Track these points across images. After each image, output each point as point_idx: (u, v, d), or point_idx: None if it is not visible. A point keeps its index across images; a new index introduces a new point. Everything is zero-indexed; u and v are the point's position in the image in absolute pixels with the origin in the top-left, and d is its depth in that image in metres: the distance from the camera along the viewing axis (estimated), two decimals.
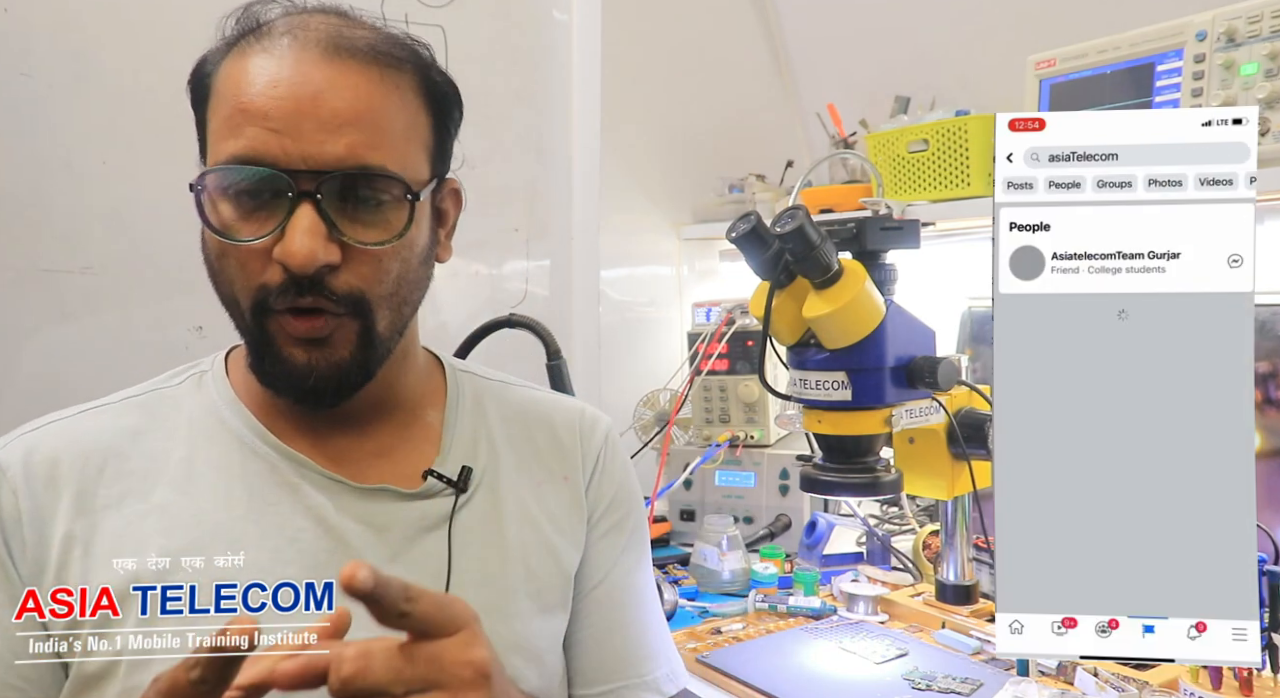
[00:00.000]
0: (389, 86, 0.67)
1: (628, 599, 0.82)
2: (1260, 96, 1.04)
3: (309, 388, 0.68)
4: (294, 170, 0.64)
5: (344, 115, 0.65)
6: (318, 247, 0.64)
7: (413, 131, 0.70)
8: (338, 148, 0.64)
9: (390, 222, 0.67)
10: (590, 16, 1.69)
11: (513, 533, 0.76)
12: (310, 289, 0.65)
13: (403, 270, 0.69)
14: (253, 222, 0.65)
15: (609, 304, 1.88)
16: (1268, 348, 1.13)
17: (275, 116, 0.64)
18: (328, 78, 0.65)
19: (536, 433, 0.83)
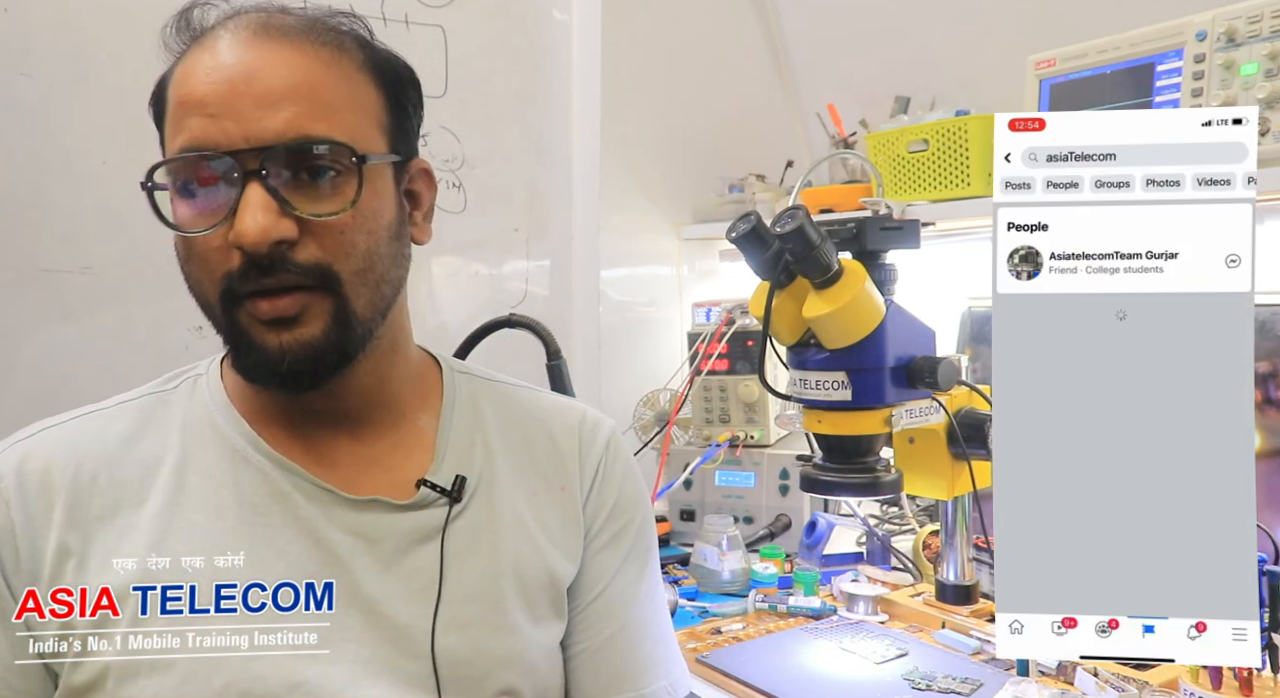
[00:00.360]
0: (326, 61, 0.67)
1: (627, 611, 0.80)
2: (1260, 96, 1.04)
3: (284, 372, 0.66)
4: (236, 151, 0.63)
5: (279, 90, 0.64)
6: (269, 222, 0.63)
7: (358, 105, 0.68)
8: (276, 122, 0.64)
9: (342, 191, 0.66)
10: (590, 16, 1.69)
11: (507, 544, 0.75)
12: (271, 267, 0.64)
13: (370, 243, 0.67)
14: (205, 213, 0.64)
15: (609, 304, 1.88)
16: (1268, 348, 1.12)
17: (212, 102, 0.64)
18: (260, 57, 0.65)
19: (535, 440, 0.81)
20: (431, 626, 0.70)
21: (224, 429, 0.72)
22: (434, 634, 0.70)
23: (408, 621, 0.70)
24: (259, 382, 0.69)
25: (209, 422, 0.72)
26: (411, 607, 0.70)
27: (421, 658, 0.69)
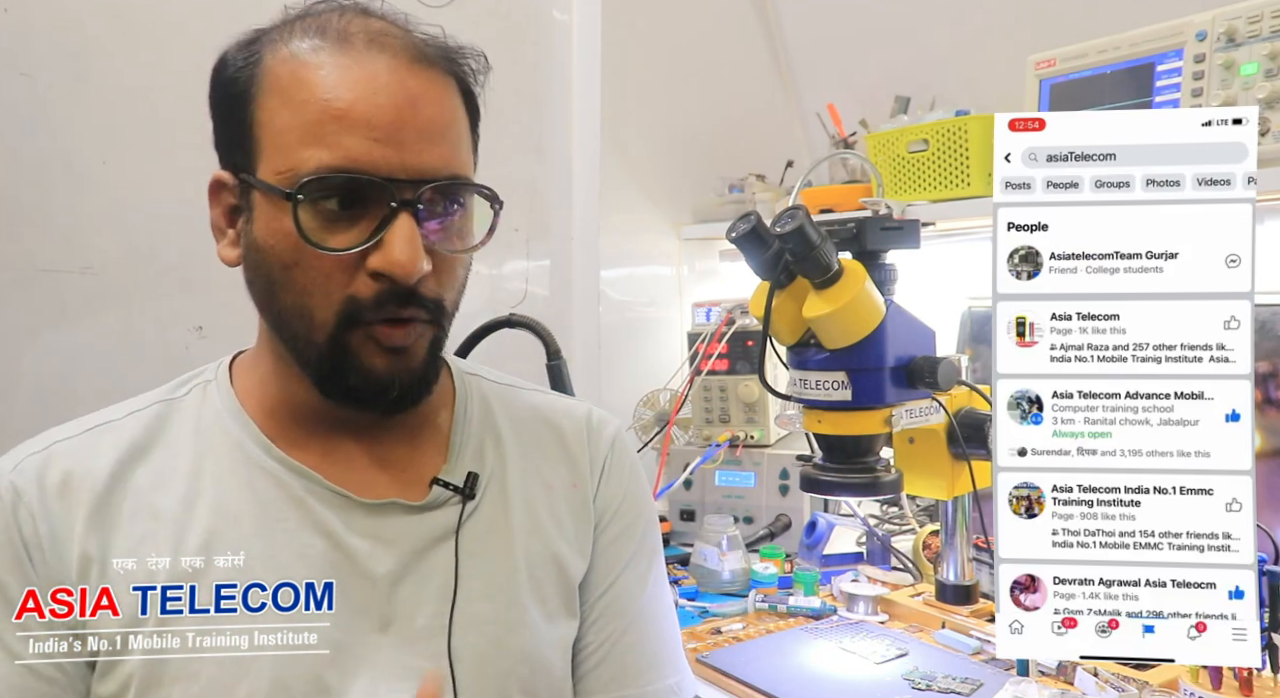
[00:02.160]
0: (455, 96, 0.69)
1: (635, 608, 0.80)
2: (1260, 96, 1.04)
3: (394, 398, 0.68)
4: (394, 179, 0.64)
5: (437, 125, 0.66)
6: (420, 256, 0.64)
7: (467, 136, 0.71)
8: (434, 158, 0.65)
9: (467, 230, 0.69)
10: (590, 16, 1.69)
11: (519, 541, 0.75)
12: (409, 299, 0.65)
13: (465, 277, 0.71)
14: (342, 231, 0.64)
15: (609, 304, 1.88)
16: (1268, 348, 1.12)
17: (377, 125, 0.63)
18: (420, 87, 0.65)
19: (544, 438, 0.82)
20: (448, 625, 0.70)
21: (237, 434, 0.72)
22: (450, 634, 0.70)
23: (424, 622, 0.70)
24: (362, 403, 0.69)
25: (221, 428, 0.72)
26: (429, 607, 0.70)
27: (438, 658, 0.70)
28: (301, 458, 0.71)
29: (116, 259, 1.31)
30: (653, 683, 0.79)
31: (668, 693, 0.80)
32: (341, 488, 0.71)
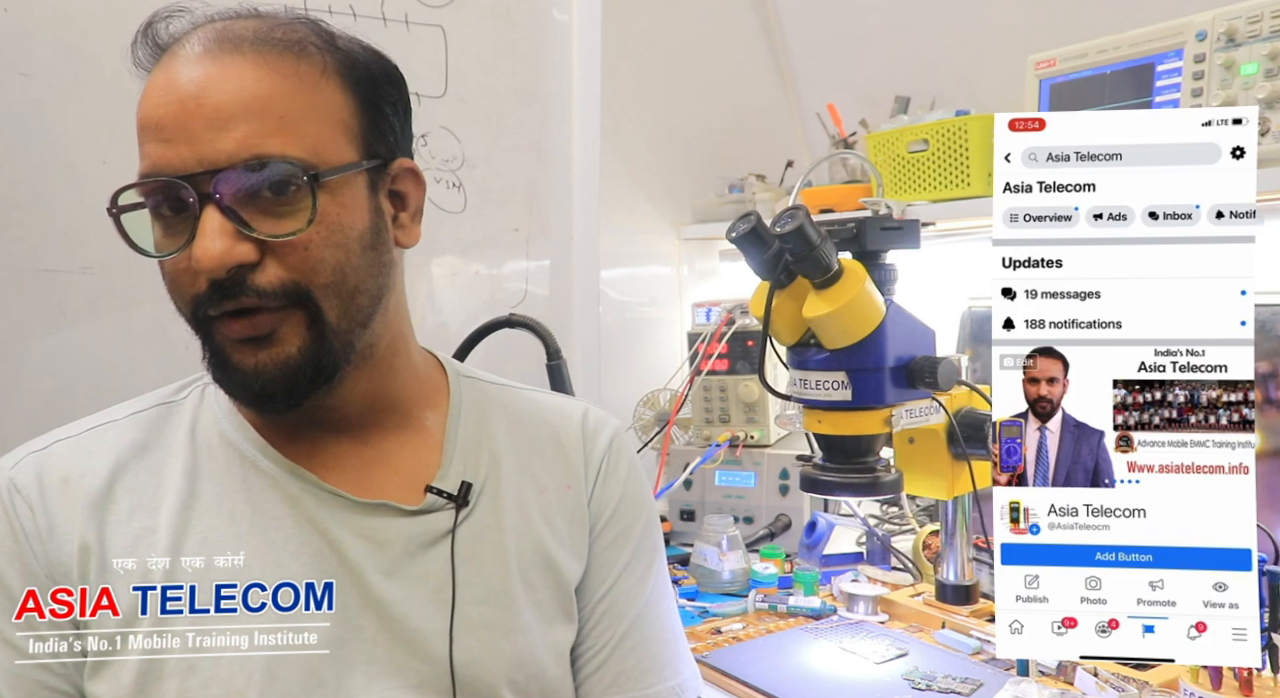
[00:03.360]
0: (282, 71, 0.65)
1: (634, 611, 0.80)
2: (1260, 96, 1.04)
3: (258, 391, 0.66)
4: (191, 175, 0.62)
5: (229, 108, 0.62)
6: (225, 247, 0.62)
7: (321, 113, 0.66)
8: (227, 142, 0.62)
9: (300, 208, 0.64)
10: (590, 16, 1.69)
11: (513, 546, 0.75)
12: (234, 291, 0.63)
13: (340, 257, 0.66)
14: (170, 236, 0.65)
15: (609, 304, 1.88)
16: (1268, 348, 1.12)
17: (166, 125, 0.63)
18: (210, 75, 0.63)
19: (540, 440, 0.81)
20: (449, 629, 0.70)
21: (232, 436, 0.72)
22: (451, 638, 0.70)
23: (420, 624, 0.70)
24: (239, 400, 0.70)
25: (217, 430, 0.73)
26: (424, 609, 0.71)
27: (434, 660, 0.70)
28: (295, 458, 0.72)
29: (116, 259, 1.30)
30: (654, 686, 0.79)
31: (669, 695, 0.80)
32: (335, 488, 0.71)
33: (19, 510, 0.67)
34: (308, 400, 0.68)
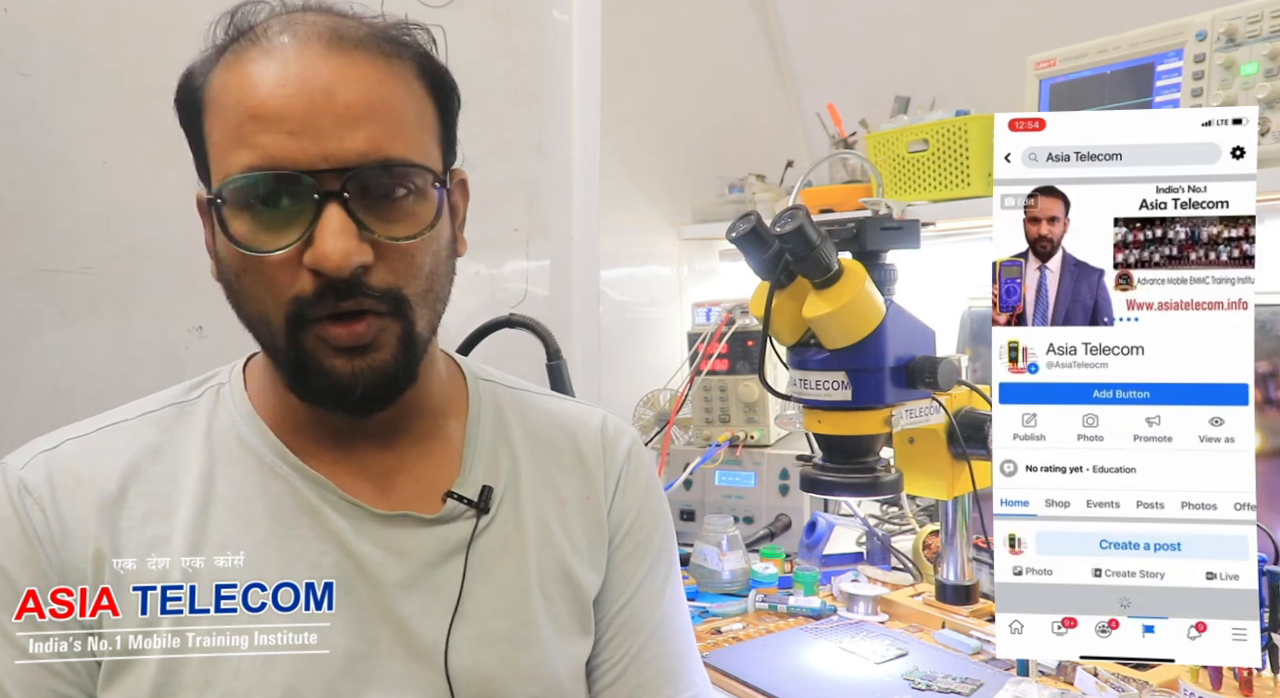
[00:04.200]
0: (395, 75, 0.65)
1: (652, 623, 0.80)
2: (1260, 96, 1.04)
3: (357, 398, 0.65)
4: (316, 171, 0.61)
5: (358, 107, 0.62)
6: (351, 246, 0.61)
7: (423, 120, 0.67)
8: (358, 142, 0.61)
9: (417, 214, 0.65)
10: (590, 16, 1.69)
11: (533, 557, 0.74)
12: (349, 292, 0.62)
13: (434, 265, 0.67)
14: (275, 231, 0.62)
15: (609, 304, 1.88)
16: (1268, 348, 1.12)
17: (289, 117, 0.61)
18: (336, 70, 0.62)
19: (559, 449, 0.80)
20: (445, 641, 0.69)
21: (250, 441, 0.71)
22: (447, 650, 0.69)
23: (433, 637, 0.69)
24: (327, 405, 0.68)
25: (235, 433, 0.71)
26: (439, 622, 0.70)
27: (443, 673, 0.69)
28: (315, 465, 0.70)
29: (116, 259, 1.31)
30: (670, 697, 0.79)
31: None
32: (355, 498, 0.70)
33: (31, 513, 0.65)
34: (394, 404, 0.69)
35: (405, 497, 0.72)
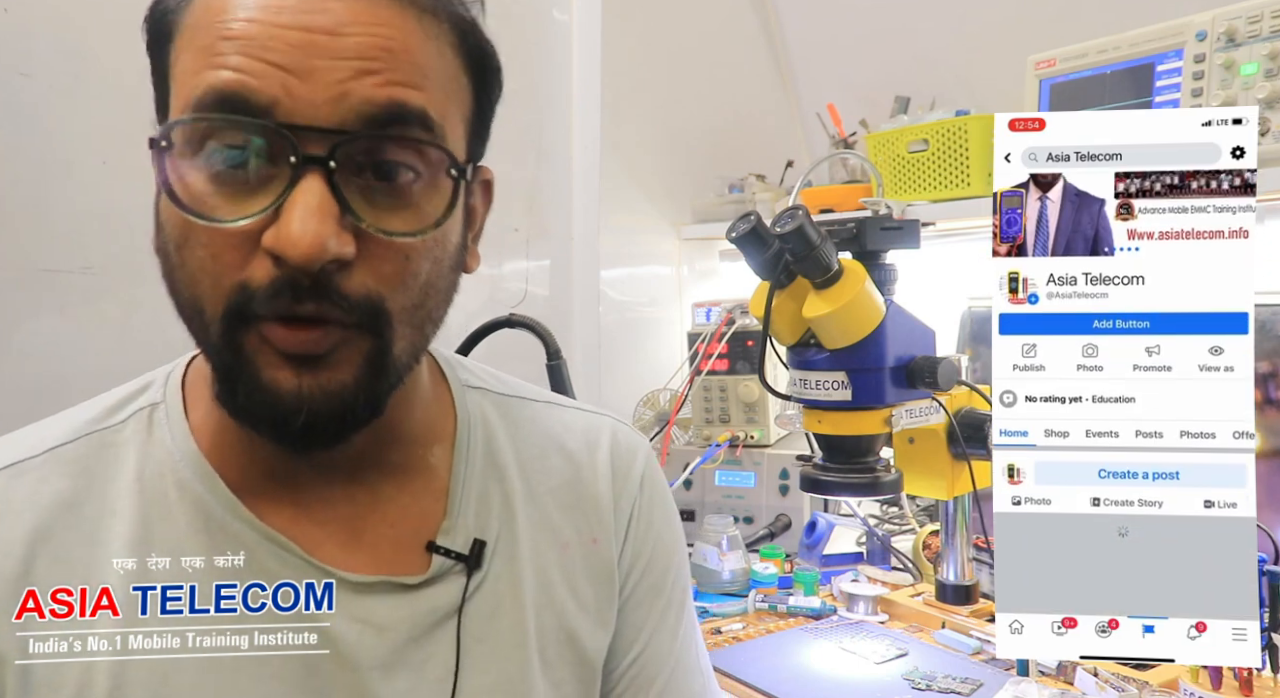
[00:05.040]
0: (425, 31, 0.51)
1: (664, 673, 0.69)
2: (1260, 96, 1.04)
3: (299, 426, 0.50)
4: (297, 126, 0.47)
5: (371, 52, 0.48)
6: (327, 232, 0.46)
7: (452, 94, 0.53)
8: (358, 97, 0.47)
9: (421, 206, 0.51)
10: (590, 16, 1.69)
11: (531, 619, 0.62)
12: (312, 292, 0.48)
13: (433, 275, 0.53)
14: (233, 197, 0.48)
15: (609, 304, 1.88)
16: (1268, 348, 1.12)
17: (275, 46, 0.46)
18: (350, 9, 0.48)
19: (562, 479, 0.67)
20: None
21: (194, 489, 0.56)
22: None
23: None
24: (259, 429, 0.52)
25: (174, 479, 0.56)
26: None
27: None
28: (272, 513, 0.57)
29: (116, 259, 1.31)
30: None
31: None
32: (323, 562, 0.57)
33: None
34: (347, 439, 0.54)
35: (381, 552, 0.59)
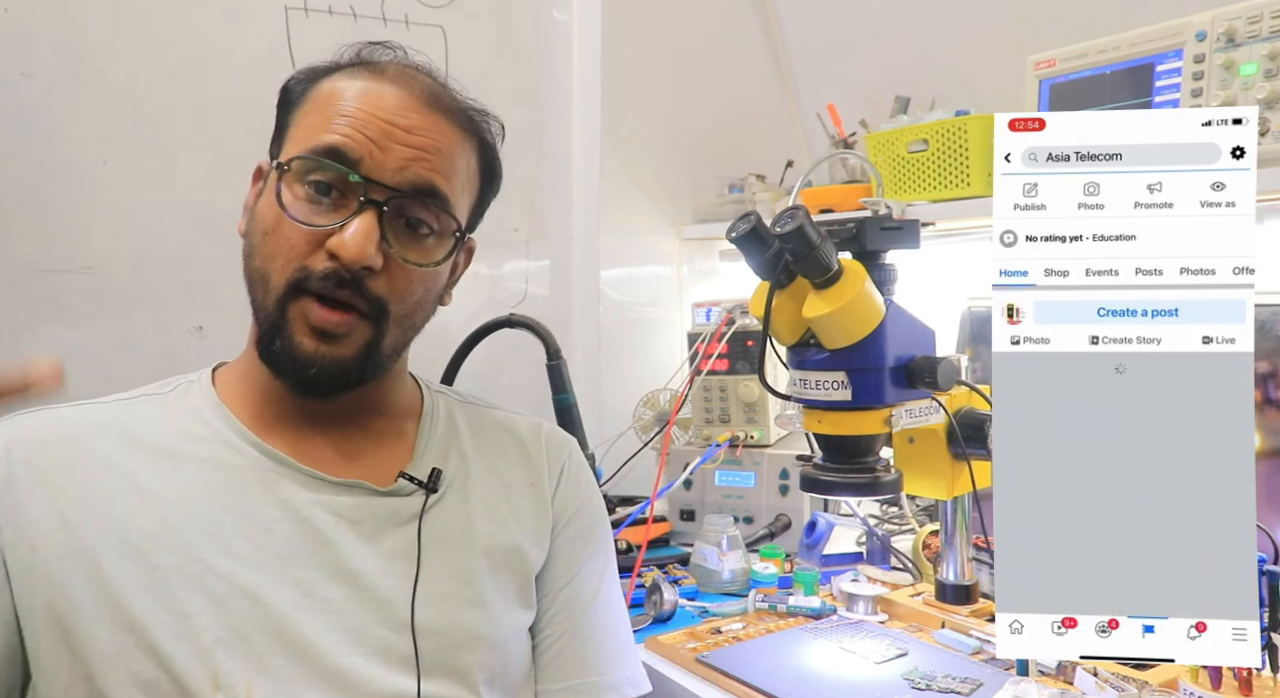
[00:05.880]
0: (462, 145, 0.79)
1: (592, 603, 0.87)
2: (1260, 96, 1.04)
3: (309, 378, 0.74)
4: (370, 180, 0.73)
5: (427, 149, 0.75)
6: (370, 249, 0.72)
7: (467, 187, 0.81)
8: (413, 173, 0.74)
9: (431, 251, 0.78)
10: (590, 16, 1.69)
11: (480, 530, 0.82)
12: (349, 284, 0.73)
13: (424, 297, 0.79)
14: (317, 212, 0.73)
15: (609, 304, 1.88)
16: (1268, 348, 1.13)
17: (371, 130, 0.74)
18: (424, 121, 0.76)
19: (504, 444, 0.90)
20: (411, 599, 0.75)
21: (214, 422, 0.78)
22: (414, 607, 0.75)
23: (387, 594, 0.75)
24: (280, 374, 0.75)
25: (200, 416, 0.79)
26: (390, 581, 0.76)
27: (400, 629, 0.75)
28: (274, 444, 0.78)
29: (116, 259, 1.31)
30: (610, 673, 0.86)
31: (625, 684, 0.87)
32: (311, 469, 0.77)
33: None
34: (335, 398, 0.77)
35: (359, 471, 0.80)
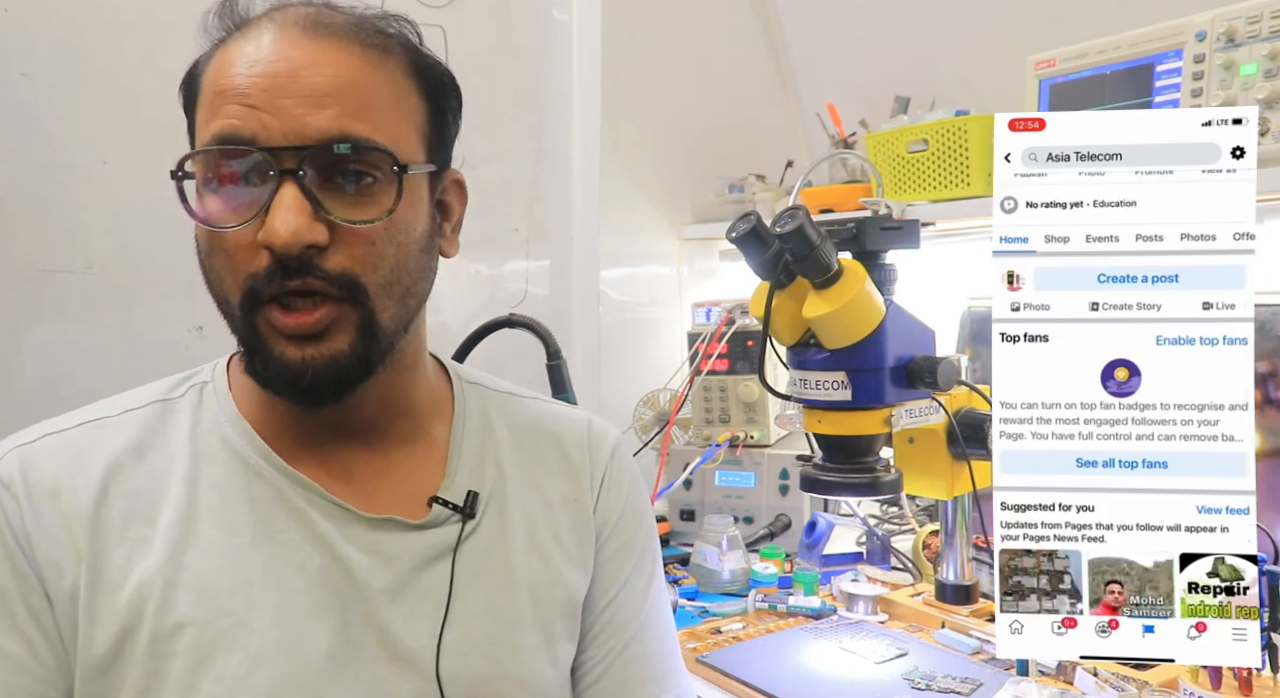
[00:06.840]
0: (373, 64, 0.65)
1: (637, 622, 0.80)
2: (1260, 96, 1.04)
3: (306, 386, 0.64)
4: (274, 148, 0.61)
5: (324, 89, 0.62)
6: (302, 224, 0.61)
7: (402, 111, 0.67)
8: (319, 120, 0.62)
9: (379, 199, 0.64)
10: (590, 16, 1.69)
11: (520, 561, 0.74)
12: (298, 271, 0.62)
13: (400, 256, 0.66)
14: (236, 210, 0.63)
15: (609, 304, 1.88)
16: (1268, 348, 1.12)
17: (252, 94, 0.62)
18: (307, 55, 0.63)
19: (545, 451, 0.80)
20: (437, 646, 0.69)
21: (235, 442, 0.70)
22: (439, 655, 0.69)
23: (418, 642, 0.69)
24: (277, 392, 0.67)
25: (219, 434, 0.70)
26: (421, 626, 0.69)
27: (428, 679, 0.68)
28: (301, 466, 0.70)
29: (116, 259, 1.31)
30: (657, 696, 0.79)
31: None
32: (341, 500, 0.69)
33: (6, 508, 0.64)
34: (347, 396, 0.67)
35: (391, 501, 0.72)
